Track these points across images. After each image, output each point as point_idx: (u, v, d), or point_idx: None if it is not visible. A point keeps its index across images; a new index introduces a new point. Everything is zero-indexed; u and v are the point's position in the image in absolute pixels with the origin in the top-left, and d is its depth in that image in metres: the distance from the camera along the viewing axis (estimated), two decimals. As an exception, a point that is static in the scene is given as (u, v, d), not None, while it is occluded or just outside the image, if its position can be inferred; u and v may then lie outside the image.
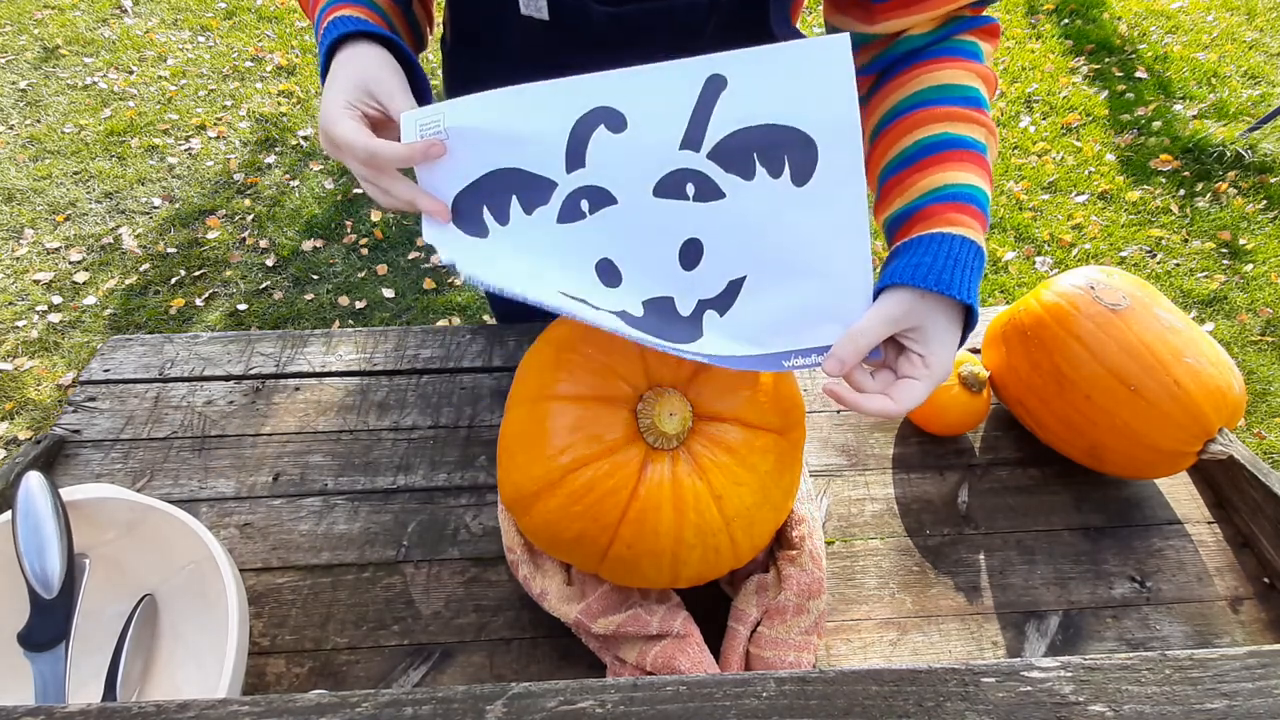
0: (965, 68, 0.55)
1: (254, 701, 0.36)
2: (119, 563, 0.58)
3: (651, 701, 0.36)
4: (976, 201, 0.50)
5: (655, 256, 0.49)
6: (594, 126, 0.47)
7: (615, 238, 0.49)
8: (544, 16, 0.53)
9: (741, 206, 0.47)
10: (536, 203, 0.49)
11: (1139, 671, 0.37)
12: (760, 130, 0.45)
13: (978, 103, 0.54)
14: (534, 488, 0.51)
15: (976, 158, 0.52)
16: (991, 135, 0.55)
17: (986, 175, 0.53)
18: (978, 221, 0.50)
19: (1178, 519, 0.68)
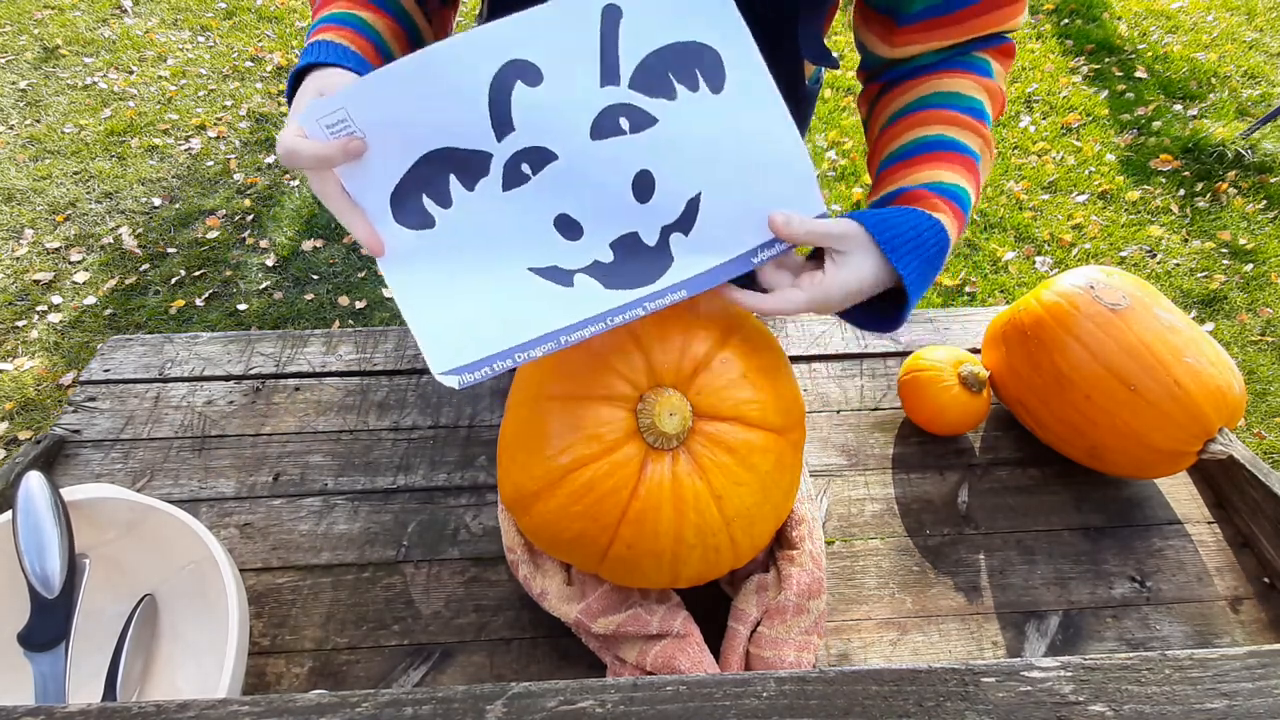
0: (973, 80, 0.56)
1: (254, 701, 0.36)
2: (119, 563, 0.58)
3: (651, 701, 0.36)
4: (960, 201, 0.51)
5: (610, 197, 0.50)
6: (510, 84, 0.46)
7: (565, 191, 0.49)
8: None
9: (675, 127, 0.48)
10: (477, 176, 0.48)
11: (1139, 671, 0.37)
12: (666, 51, 0.47)
13: (980, 114, 0.55)
14: (534, 488, 0.51)
15: (969, 163, 0.53)
16: (987, 148, 0.56)
17: (975, 182, 0.54)
18: (956, 219, 0.51)
19: (1178, 519, 0.68)
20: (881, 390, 0.79)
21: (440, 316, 0.49)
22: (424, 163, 0.48)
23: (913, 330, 0.84)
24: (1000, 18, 0.54)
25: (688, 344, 0.52)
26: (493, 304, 0.49)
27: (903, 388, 0.74)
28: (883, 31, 0.58)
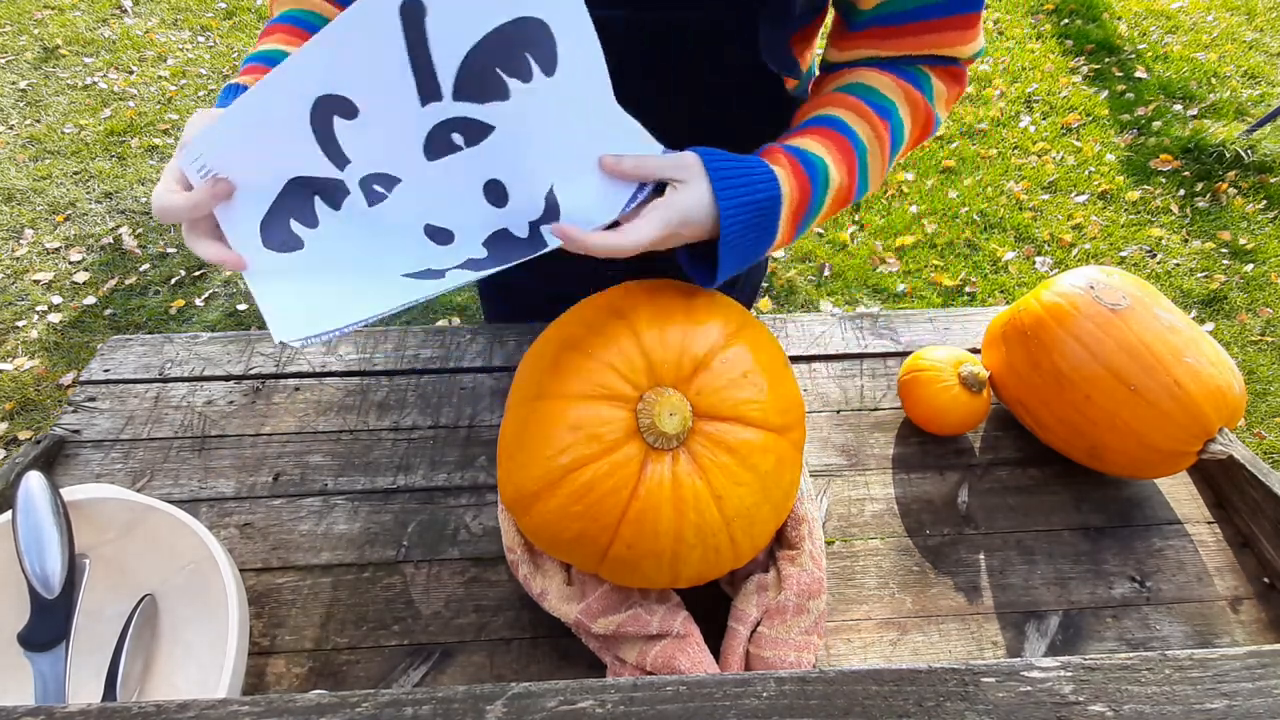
0: (898, 84, 0.56)
1: (254, 701, 0.36)
2: (119, 563, 0.58)
3: (651, 701, 0.36)
4: (810, 165, 0.51)
5: (467, 208, 0.50)
6: (328, 120, 0.45)
7: (422, 206, 0.49)
8: None
9: (514, 128, 0.46)
10: (339, 197, 0.49)
11: (1139, 671, 0.37)
12: (488, 42, 0.42)
13: (886, 113, 0.55)
14: (534, 488, 0.51)
15: (843, 143, 0.53)
16: (878, 143, 0.55)
17: (844, 164, 0.53)
18: (798, 181, 0.51)
19: (1178, 519, 0.68)
20: (881, 390, 0.79)
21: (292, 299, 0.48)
22: (287, 190, 0.48)
23: (913, 330, 0.84)
24: (947, 40, 0.55)
25: (688, 344, 0.52)
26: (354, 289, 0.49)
27: (903, 388, 0.74)
28: (835, 36, 0.59)
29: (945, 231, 2.32)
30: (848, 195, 0.55)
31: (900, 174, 2.50)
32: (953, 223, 2.35)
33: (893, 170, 2.49)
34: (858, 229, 2.35)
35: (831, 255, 2.27)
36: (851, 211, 2.40)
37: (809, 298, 2.16)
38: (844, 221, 2.37)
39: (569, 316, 0.58)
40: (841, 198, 0.55)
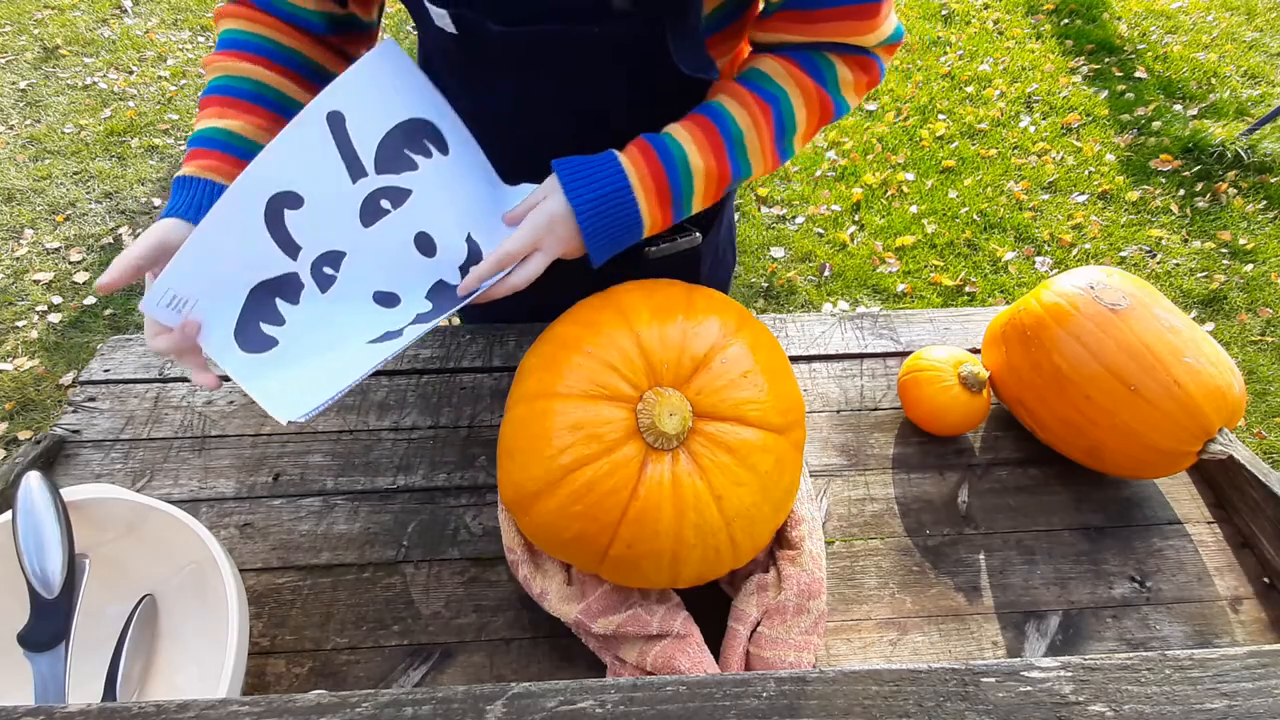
0: (791, 72, 0.60)
1: (254, 701, 0.36)
2: (119, 563, 0.58)
3: (651, 701, 0.36)
4: (662, 149, 0.59)
5: (405, 264, 0.60)
6: (280, 214, 0.55)
7: (368, 274, 0.60)
8: (452, 30, 0.56)
9: (428, 190, 0.59)
10: (297, 291, 0.58)
11: (1139, 671, 0.37)
12: (394, 133, 0.57)
13: (773, 99, 0.60)
14: (534, 488, 0.51)
15: (710, 129, 0.59)
16: (757, 129, 0.60)
17: (709, 147, 0.59)
18: (652, 169, 0.59)
19: (1178, 519, 0.68)
20: (881, 390, 0.79)
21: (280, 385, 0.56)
22: (251, 300, 0.56)
23: (913, 330, 0.84)
24: (850, 29, 0.57)
25: (688, 344, 0.52)
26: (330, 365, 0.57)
27: (903, 388, 0.74)
28: (755, 20, 0.60)
29: (945, 231, 2.32)
30: (721, 176, 0.61)
31: (900, 174, 2.51)
32: (953, 223, 2.35)
33: (891, 171, 2.49)
34: (858, 229, 2.35)
35: (831, 255, 2.27)
36: (851, 211, 2.40)
37: (809, 298, 2.16)
38: (844, 221, 2.37)
39: (569, 316, 0.58)
40: (715, 178, 0.61)
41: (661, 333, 0.52)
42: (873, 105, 2.79)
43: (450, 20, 0.54)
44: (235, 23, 0.63)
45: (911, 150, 2.60)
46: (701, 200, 0.62)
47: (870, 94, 2.81)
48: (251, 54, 0.63)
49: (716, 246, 0.85)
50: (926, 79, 2.90)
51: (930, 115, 2.74)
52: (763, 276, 2.22)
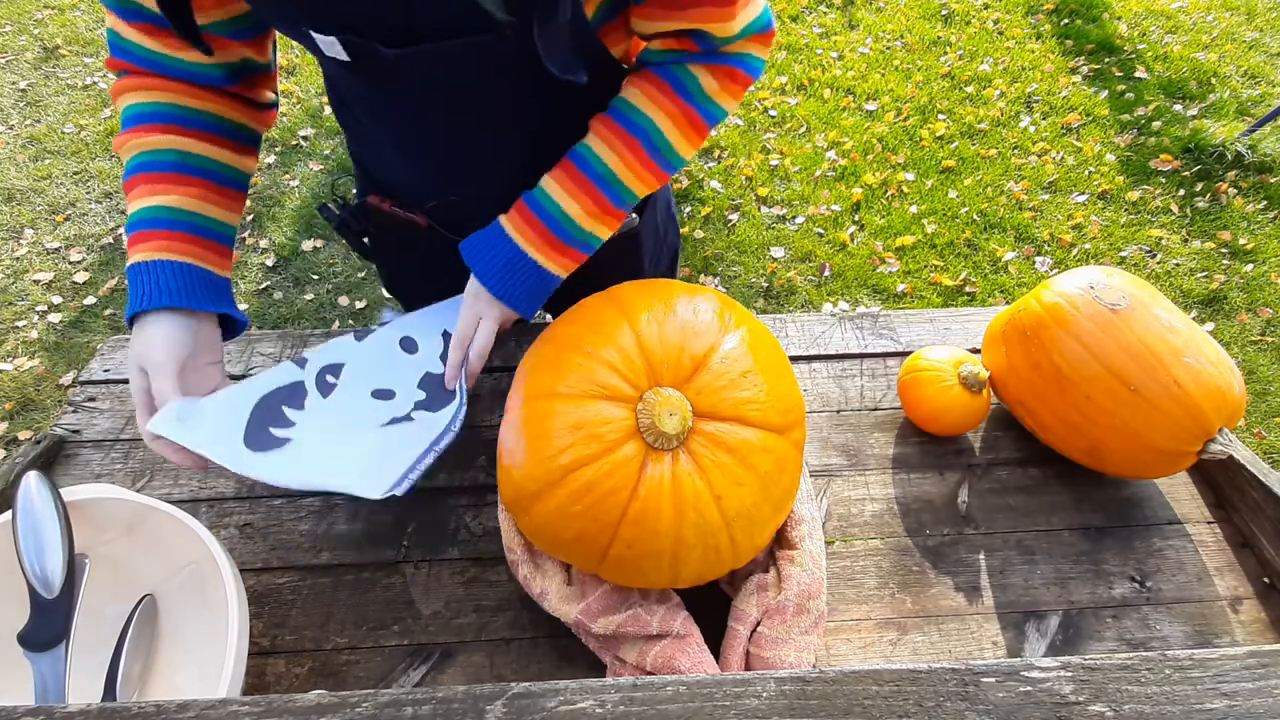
0: (654, 96, 0.63)
1: (254, 701, 0.36)
2: (119, 563, 0.58)
3: (651, 701, 0.36)
4: (535, 204, 0.65)
5: (394, 365, 0.70)
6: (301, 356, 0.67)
7: (364, 376, 0.68)
8: (345, 57, 0.55)
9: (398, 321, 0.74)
10: (300, 399, 0.65)
11: (1139, 671, 0.37)
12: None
13: (639, 131, 0.63)
14: (534, 488, 0.51)
15: (577, 174, 0.64)
16: (624, 161, 0.64)
17: (581, 190, 0.64)
18: (531, 225, 0.65)
19: (1178, 519, 0.68)
20: (881, 390, 0.79)
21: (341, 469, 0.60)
22: (257, 409, 0.62)
23: (913, 330, 0.84)
24: (710, 15, 0.57)
25: (687, 343, 0.52)
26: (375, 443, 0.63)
27: (903, 388, 0.74)
28: (631, 8, 0.61)
29: (945, 231, 2.32)
30: (603, 210, 0.66)
31: (900, 174, 2.51)
32: (953, 223, 2.35)
33: (891, 171, 2.49)
34: (858, 229, 2.35)
35: (831, 255, 2.27)
36: (851, 211, 2.40)
37: (809, 298, 2.16)
38: (844, 221, 2.37)
39: (569, 316, 0.58)
40: (598, 213, 0.65)
41: (661, 332, 0.52)
42: (872, 105, 2.79)
43: (341, 48, 0.54)
44: (137, 95, 0.63)
45: (911, 150, 2.60)
46: (604, 230, 0.68)
47: (870, 94, 2.81)
48: (163, 124, 0.63)
49: (656, 226, 0.88)
50: (926, 79, 2.90)
51: (930, 115, 2.74)
52: (763, 276, 2.22)
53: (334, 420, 0.64)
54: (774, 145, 2.64)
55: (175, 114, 0.63)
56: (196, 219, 0.63)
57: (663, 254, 0.93)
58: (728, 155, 2.60)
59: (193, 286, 0.61)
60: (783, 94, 2.86)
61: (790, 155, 2.60)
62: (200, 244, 0.63)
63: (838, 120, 2.73)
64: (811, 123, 2.72)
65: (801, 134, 2.69)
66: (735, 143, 2.65)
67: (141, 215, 0.61)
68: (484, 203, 0.72)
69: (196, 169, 0.64)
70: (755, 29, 0.61)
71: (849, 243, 2.30)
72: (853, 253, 2.27)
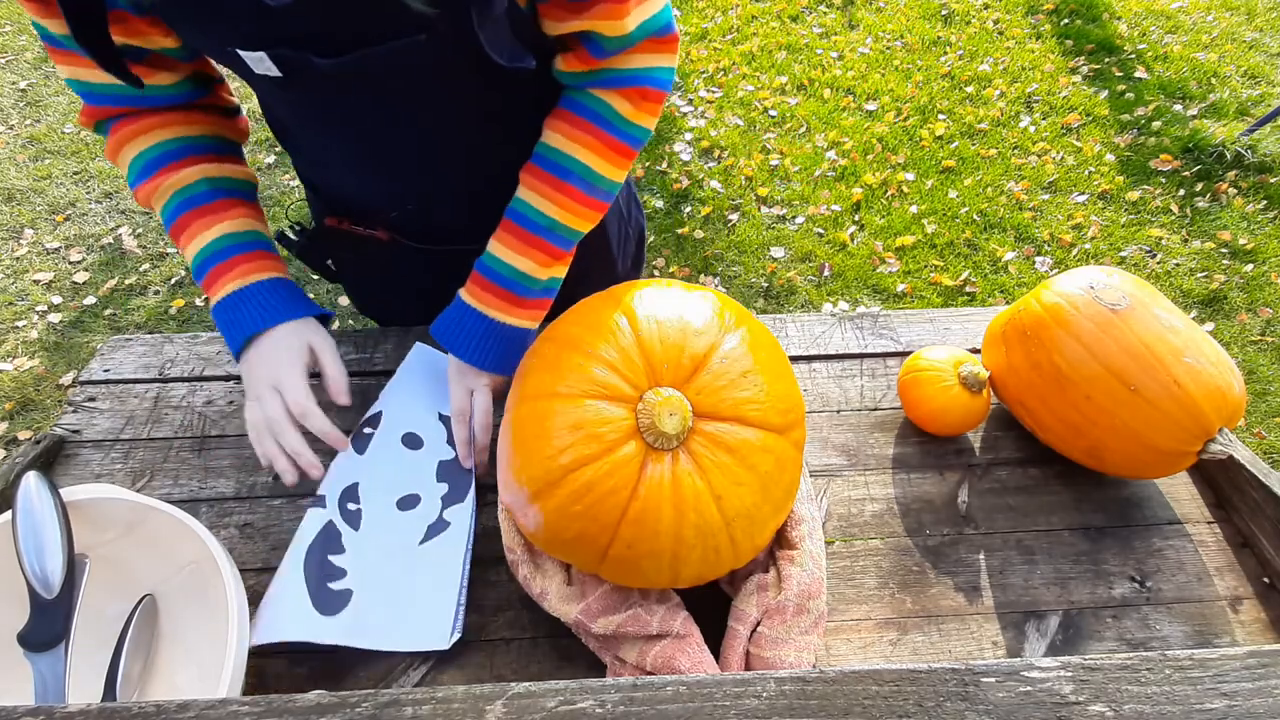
0: (573, 135, 0.64)
1: (254, 701, 0.36)
2: (119, 563, 0.58)
3: (651, 701, 0.36)
4: (498, 277, 0.67)
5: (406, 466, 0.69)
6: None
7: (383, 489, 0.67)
8: (276, 73, 0.54)
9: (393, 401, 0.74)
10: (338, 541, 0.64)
11: (1139, 671, 0.37)
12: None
13: (566, 172, 0.64)
14: (534, 488, 0.51)
15: (526, 235, 0.66)
16: (561, 206, 0.65)
17: (531, 247, 0.66)
18: (491, 291, 0.67)
19: (1178, 519, 0.68)
20: (881, 390, 0.79)
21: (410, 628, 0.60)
22: (309, 571, 0.61)
23: (913, 330, 0.84)
24: (604, 13, 0.56)
25: (687, 343, 0.52)
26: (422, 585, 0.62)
27: (903, 388, 0.74)
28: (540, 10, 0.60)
29: (945, 231, 2.32)
30: (554, 255, 0.67)
31: (900, 174, 2.51)
32: (953, 223, 2.35)
33: (891, 171, 2.49)
34: (858, 229, 2.35)
35: (831, 255, 2.27)
36: (851, 211, 2.40)
37: (809, 298, 2.16)
38: (844, 221, 2.37)
39: (569, 316, 0.58)
40: (550, 258, 0.67)
41: (661, 333, 0.52)
42: (873, 105, 2.79)
43: (271, 63, 0.53)
44: (138, 144, 0.64)
45: (911, 150, 2.60)
46: (560, 271, 0.70)
47: (870, 94, 2.82)
48: (179, 160, 0.64)
49: (619, 208, 0.89)
50: (926, 79, 2.90)
51: (930, 115, 2.74)
52: (763, 276, 2.22)
53: (376, 556, 0.63)
54: (774, 145, 2.64)
55: (184, 146, 0.64)
56: (257, 236, 0.67)
57: (629, 234, 0.93)
58: (728, 155, 2.60)
59: (292, 297, 0.66)
60: (783, 94, 2.86)
61: (790, 155, 2.60)
62: (272, 258, 0.67)
63: (838, 120, 2.73)
64: (811, 123, 2.72)
65: (801, 134, 2.69)
66: (735, 143, 2.65)
67: (213, 248, 0.63)
68: (444, 204, 0.72)
69: (230, 191, 0.66)
70: (652, 30, 0.60)
71: (849, 243, 2.30)
72: (853, 253, 2.27)
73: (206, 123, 0.68)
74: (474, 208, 0.71)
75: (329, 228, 0.77)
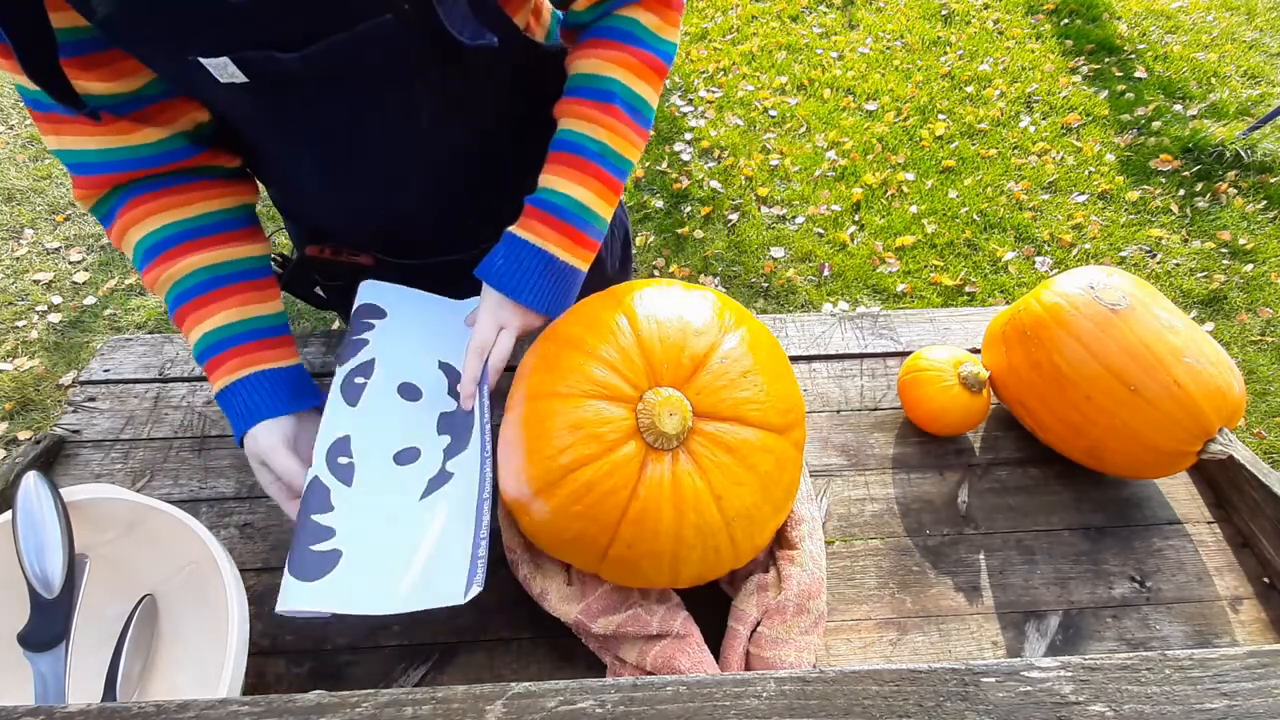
0: (607, 56, 0.62)
1: (254, 701, 0.36)
2: (119, 563, 0.58)
3: (651, 701, 0.36)
4: (559, 210, 0.63)
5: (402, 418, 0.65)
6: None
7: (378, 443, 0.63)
8: (241, 78, 0.53)
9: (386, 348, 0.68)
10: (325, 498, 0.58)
11: (1139, 671, 0.37)
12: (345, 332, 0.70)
13: (609, 95, 0.62)
14: (534, 488, 0.51)
15: (576, 160, 0.63)
16: (612, 129, 0.63)
17: (587, 174, 0.63)
18: (551, 228, 0.63)
19: (1178, 519, 0.68)
20: (881, 390, 0.79)
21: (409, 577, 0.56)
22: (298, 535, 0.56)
23: (913, 330, 0.84)
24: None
25: (687, 343, 0.52)
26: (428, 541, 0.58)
27: (903, 388, 0.74)
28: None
29: (945, 231, 2.32)
30: (609, 186, 0.64)
31: (900, 174, 2.51)
32: (953, 223, 2.35)
33: (891, 171, 2.49)
34: (858, 229, 2.35)
35: (831, 255, 2.27)
36: (851, 211, 2.40)
37: (809, 298, 2.16)
38: (844, 221, 2.37)
39: (569, 316, 0.58)
40: (605, 191, 0.64)
41: (661, 332, 0.52)
42: (873, 105, 2.79)
43: (236, 68, 0.52)
44: (139, 230, 0.62)
45: (911, 150, 2.60)
46: (610, 210, 0.67)
47: (870, 94, 2.81)
48: (177, 247, 0.62)
49: None
50: (926, 79, 2.90)
51: (930, 115, 2.74)
52: (763, 276, 2.22)
53: (372, 514, 0.58)
54: (774, 145, 2.64)
55: (183, 231, 0.62)
56: (251, 324, 0.64)
57: (615, 233, 0.92)
58: (728, 155, 2.60)
59: (275, 390, 0.63)
60: (783, 94, 2.86)
61: (790, 155, 2.60)
62: (265, 345, 0.64)
63: (838, 120, 2.73)
64: (811, 123, 2.72)
65: (801, 134, 2.69)
66: (735, 143, 2.65)
67: (206, 343, 0.62)
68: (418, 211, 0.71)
69: (228, 277, 0.64)
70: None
71: (849, 243, 2.30)
72: (853, 253, 2.27)
73: (213, 195, 0.65)
74: (452, 210, 0.70)
75: (310, 258, 0.76)
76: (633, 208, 2.42)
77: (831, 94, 2.84)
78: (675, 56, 0.66)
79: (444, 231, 0.73)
